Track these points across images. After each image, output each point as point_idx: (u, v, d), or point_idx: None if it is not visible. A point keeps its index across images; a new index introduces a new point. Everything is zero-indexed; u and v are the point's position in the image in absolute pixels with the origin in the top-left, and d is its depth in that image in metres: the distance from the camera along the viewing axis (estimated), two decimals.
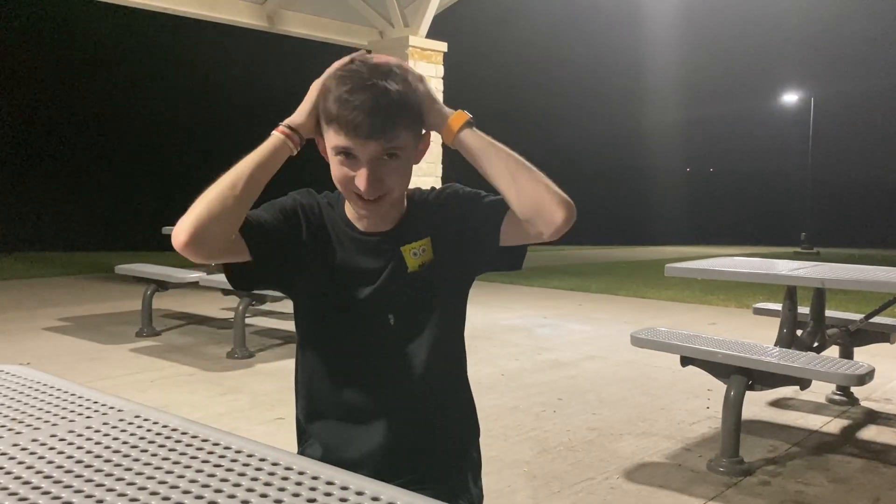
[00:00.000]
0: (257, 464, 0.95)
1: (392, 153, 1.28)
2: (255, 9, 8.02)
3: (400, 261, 1.39)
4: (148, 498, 0.84)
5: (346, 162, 1.28)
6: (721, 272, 3.83)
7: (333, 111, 1.25)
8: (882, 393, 4.26)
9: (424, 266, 1.40)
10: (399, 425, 1.40)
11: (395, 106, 1.25)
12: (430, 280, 1.40)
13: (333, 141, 1.27)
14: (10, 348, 5.23)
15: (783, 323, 3.83)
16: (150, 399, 3.90)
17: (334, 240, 1.40)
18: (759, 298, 6.85)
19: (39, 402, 1.20)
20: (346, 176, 1.29)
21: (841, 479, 2.97)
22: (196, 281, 5.49)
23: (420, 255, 1.40)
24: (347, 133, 1.24)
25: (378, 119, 1.23)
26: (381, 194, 1.30)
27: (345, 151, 1.27)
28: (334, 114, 1.25)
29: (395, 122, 1.26)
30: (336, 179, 1.32)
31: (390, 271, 1.39)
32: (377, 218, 1.37)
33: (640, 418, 3.76)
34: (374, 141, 1.25)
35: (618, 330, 6.11)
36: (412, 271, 1.39)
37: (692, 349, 3.18)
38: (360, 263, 1.40)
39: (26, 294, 8.04)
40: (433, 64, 8.16)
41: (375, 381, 1.41)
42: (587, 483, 2.88)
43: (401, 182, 1.33)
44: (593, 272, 11.54)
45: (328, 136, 1.29)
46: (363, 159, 1.27)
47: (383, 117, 1.24)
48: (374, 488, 0.88)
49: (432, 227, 1.41)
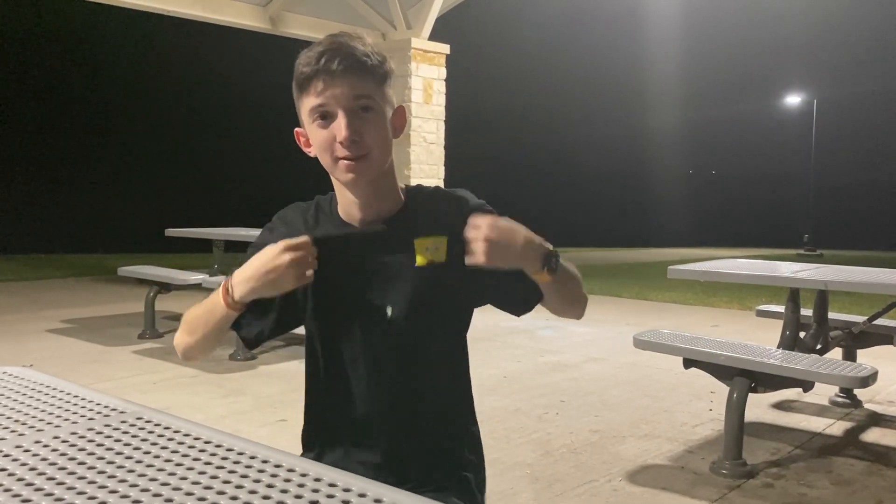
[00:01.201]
0: (260, 466, 0.95)
1: (365, 106, 1.27)
2: (258, 11, 8.03)
3: (409, 252, 1.35)
4: (150, 500, 0.84)
5: (323, 124, 1.28)
6: (724, 274, 3.83)
7: (301, 74, 1.28)
8: (885, 395, 4.25)
9: (433, 265, 1.35)
10: (397, 431, 1.38)
11: (360, 55, 1.27)
12: (436, 280, 1.36)
13: (307, 107, 1.29)
14: (13, 350, 5.24)
15: (786, 325, 3.83)
16: (152, 401, 3.90)
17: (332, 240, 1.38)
18: (762, 300, 6.83)
19: (42, 404, 1.20)
20: (327, 138, 1.28)
21: (844, 482, 2.96)
22: (199, 283, 5.50)
23: (432, 251, 1.35)
24: (316, 83, 1.26)
25: (343, 63, 1.25)
26: (364, 152, 1.28)
27: (319, 110, 1.27)
28: (303, 74, 1.27)
29: (362, 68, 1.27)
30: (319, 148, 1.30)
31: (396, 260, 1.35)
32: (368, 177, 1.31)
33: (643, 420, 3.76)
34: (343, 86, 1.25)
35: (620, 332, 6.10)
36: (420, 266, 1.35)
37: (695, 351, 3.18)
38: (362, 256, 1.38)
39: (29, 296, 8.06)
40: (435, 66, 8.16)
41: (373, 377, 1.37)
42: (590, 485, 2.88)
43: (381, 142, 1.30)
44: (595, 274, 11.53)
45: (304, 110, 1.30)
46: (338, 110, 1.26)
47: (348, 62, 1.25)
48: (377, 490, 0.88)
49: (449, 230, 1.35)
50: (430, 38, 8.16)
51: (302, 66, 1.28)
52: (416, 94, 7.95)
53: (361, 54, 1.27)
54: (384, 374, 1.38)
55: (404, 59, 7.94)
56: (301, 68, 1.28)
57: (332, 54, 1.26)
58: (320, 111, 1.28)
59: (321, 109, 1.27)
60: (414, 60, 7.93)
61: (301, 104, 1.31)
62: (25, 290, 8.53)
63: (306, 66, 1.27)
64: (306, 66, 1.27)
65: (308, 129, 1.32)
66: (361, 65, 1.27)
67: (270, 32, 8.29)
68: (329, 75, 1.25)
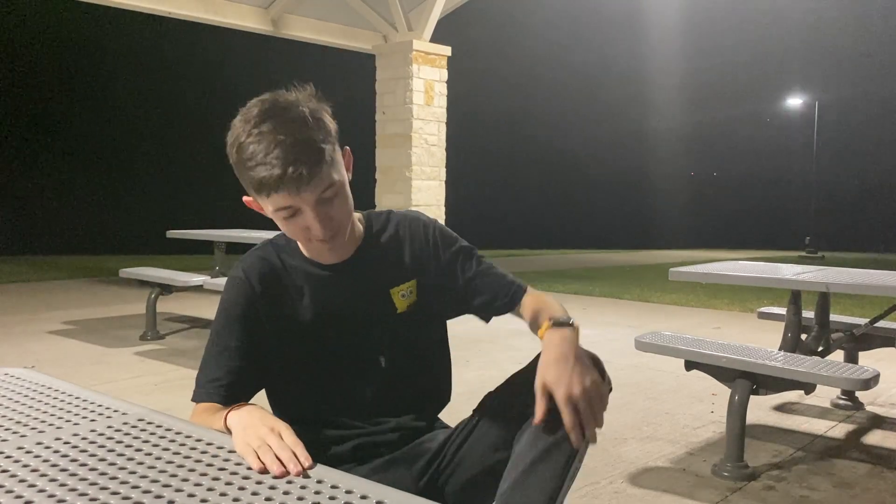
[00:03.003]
0: None
1: (330, 195, 1.28)
2: (260, 13, 8.04)
3: (388, 302, 1.42)
4: (152, 501, 0.84)
5: (291, 218, 1.29)
6: (725, 276, 3.82)
7: (256, 179, 1.23)
8: (887, 398, 4.25)
9: (411, 307, 1.44)
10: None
11: (315, 142, 1.23)
12: (417, 320, 1.44)
13: (272, 205, 1.27)
14: (15, 351, 5.24)
15: (788, 327, 3.82)
16: (154, 402, 3.90)
17: (305, 286, 1.41)
18: (764, 302, 6.83)
19: (44, 405, 1.20)
20: (299, 229, 1.31)
21: (846, 484, 2.96)
22: (200, 284, 5.50)
23: (408, 296, 1.44)
24: (279, 192, 1.23)
25: (307, 168, 1.21)
26: (335, 230, 1.32)
27: (286, 212, 1.27)
28: (259, 182, 1.23)
29: (321, 159, 1.24)
30: (291, 235, 1.35)
31: (379, 312, 1.42)
32: (341, 249, 1.39)
33: (645, 422, 3.75)
34: (310, 190, 1.24)
35: (622, 334, 6.10)
36: (401, 312, 1.43)
37: (696, 353, 3.17)
38: (340, 300, 1.41)
39: (31, 297, 8.07)
40: (437, 68, 8.17)
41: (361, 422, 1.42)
42: (591, 487, 2.88)
43: (348, 211, 1.35)
44: (597, 276, 11.53)
45: (262, 201, 1.29)
46: (306, 209, 1.27)
47: (310, 164, 1.22)
48: (378, 491, 0.88)
49: (418, 269, 1.45)
50: (431, 39, 8.16)
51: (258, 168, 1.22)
52: (417, 96, 7.96)
53: (317, 143, 1.23)
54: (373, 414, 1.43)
55: (406, 60, 7.95)
56: (258, 171, 1.22)
57: (296, 163, 1.20)
58: (288, 213, 1.28)
59: (289, 211, 1.27)
60: (415, 62, 7.93)
61: (256, 195, 1.29)
62: (27, 291, 8.54)
63: (266, 173, 1.21)
64: (266, 173, 1.21)
65: (270, 214, 1.32)
66: (320, 157, 1.23)
67: (272, 34, 8.31)
68: (295, 186, 1.22)
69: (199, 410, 1.35)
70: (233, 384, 1.37)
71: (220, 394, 1.35)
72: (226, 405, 1.29)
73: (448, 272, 1.47)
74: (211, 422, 1.24)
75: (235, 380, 1.37)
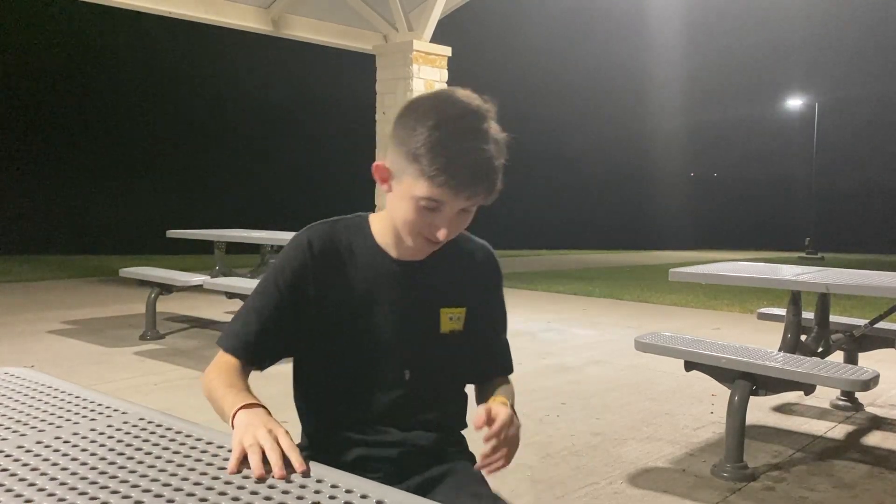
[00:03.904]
0: None
1: (470, 208, 1.26)
2: (260, 13, 8.05)
3: (435, 318, 1.40)
4: (152, 501, 0.84)
5: (427, 212, 1.24)
6: (725, 277, 3.82)
7: (438, 164, 1.18)
8: (887, 399, 4.25)
9: (453, 332, 1.41)
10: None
11: (495, 171, 1.22)
12: (452, 346, 1.42)
13: (423, 191, 1.21)
14: (15, 351, 5.24)
15: (787, 328, 3.82)
16: (153, 402, 3.90)
17: (365, 272, 1.38)
18: (764, 303, 6.83)
19: (44, 405, 1.20)
20: (424, 223, 1.25)
21: (845, 485, 2.96)
22: (200, 284, 5.50)
23: (454, 321, 1.41)
24: (445, 189, 1.20)
25: (482, 184, 1.21)
26: (451, 237, 1.29)
27: (433, 203, 1.22)
28: (439, 168, 1.18)
29: (494, 187, 1.23)
30: (407, 223, 1.27)
31: (423, 324, 1.40)
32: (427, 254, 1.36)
33: (644, 423, 3.76)
34: (469, 201, 1.23)
35: (622, 334, 6.10)
36: (443, 333, 1.41)
37: (696, 354, 3.17)
38: (394, 296, 1.38)
39: (31, 297, 8.07)
40: (437, 68, 8.17)
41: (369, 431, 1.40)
42: (591, 488, 2.88)
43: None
44: (597, 277, 11.53)
45: (416, 182, 1.21)
46: (449, 212, 1.23)
47: (486, 183, 1.21)
48: (379, 492, 0.88)
49: (472, 300, 1.43)
50: (431, 40, 8.17)
51: (453, 158, 1.18)
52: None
53: (497, 172, 1.22)
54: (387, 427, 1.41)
55: (406, 61, 7.95)
56: (448, 164, 1.18)
57: (480, 180, 1.20)
58: (431, 205, 1.23)
59: (433, 204, 1.23)
60: (415, 62, 7.94)
61: (414, 175, 1.21)
62: (27, 291, 8.54)
63: (451, 172, 1.18)
64: (451, 172, 1.18)
65: (405, 193, 1.25)
66: (494, 183, 1.22)
67: (272, 34, 8.31)
68: (464, 196, 1.21)
69: (220, 365, 1.35)
70: (259, 343, 1.35)
71: (245, 349, 1.35)
72: (247, 362, 1.33)
73: (484, 320, 1.46)
74: (222, 403, 1.24)
75: (263, 340, 1.35)
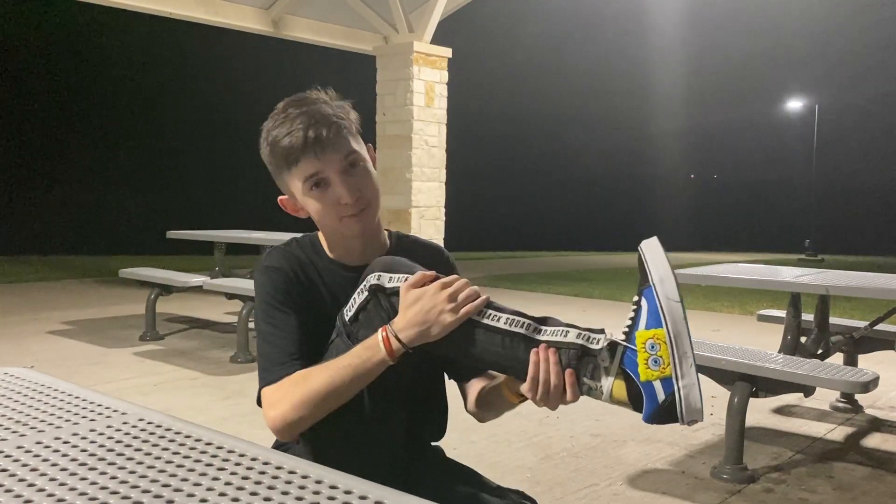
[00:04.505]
0: (261, 467, 0.95)
1: (353, 162, 1.34)
2: (261, 14, 8.05)
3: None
4: (151, 501, 0.84)
5: (321, 191, 1.33)
6: (725, 278, 3.82)
7: (284, 150, 1.31)
8: (886, 400, 4.25)
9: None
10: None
11: (336, 118, 1.32)
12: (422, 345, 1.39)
13: (301, 176, 1.32)
14: (15, 351, 5.24)
15: (787, 330, 3.82)
16: (153, 403, 3.90)
17: (330, 284, 1.40)
18: (763, 305, 6.83)
19: (43, 405, 1.20)
20: (329, 201, 1.33)
21: (845, 487, 2.96)
22: (200, 285, 5.50)
23: None
24: (307, 156, 1.30)
25: (330, 131, 1.30)
26: (365, 205, 1.35)
27: (313, 179, 1.32)
28: (289, 148, 1.30)
29: (342, 131, 1.33)
30: (321, 214, 1.35)
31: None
32: (371, 235, 1.40)
33: (644, 424, 3.74)
34: (333, 152, 1.31)
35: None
36: None
37: (696, 355, 3.17)
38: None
39: (30, 297, 8.07)
40: (437, 70, 8.18)
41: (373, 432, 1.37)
42: (590, 489, 2.88)
43: (375, 191, 1.38)
44: (597, 278, 11.53)
45: (293, 181, 1.34)
46: (333, 175, 1.32)
47: (333, 130, 1.31)
48: (379, 492, 0.88)
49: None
50: (432, 41, 8.17)
51: (283, 139, 1.31)
52: (417, 98, 7.96)
53: (336, 117, 1.33)
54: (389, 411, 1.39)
55: (406, 62, 7.96)
56: (284, 142, 1.31)
57: (315, 126, 1.29)
58: (314, 180, 1.33)
59: (315, 178, 1.32)
60: (416, 64, 7.94)
61: (288, 176, 1.35)
62: (26, 291, 8.53)
63: (291, 140, 1.30)
64: (291, 139, 1.30)
65: (301, 198, 1.36)
66: (340, 128, 1.33)
67: (273, 35, 8.31)
68: (320, 146, 1.30)
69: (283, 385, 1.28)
70: (305, 355, 1.31)
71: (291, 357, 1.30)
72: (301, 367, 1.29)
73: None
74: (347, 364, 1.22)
75: (307, 351, 1.32)
